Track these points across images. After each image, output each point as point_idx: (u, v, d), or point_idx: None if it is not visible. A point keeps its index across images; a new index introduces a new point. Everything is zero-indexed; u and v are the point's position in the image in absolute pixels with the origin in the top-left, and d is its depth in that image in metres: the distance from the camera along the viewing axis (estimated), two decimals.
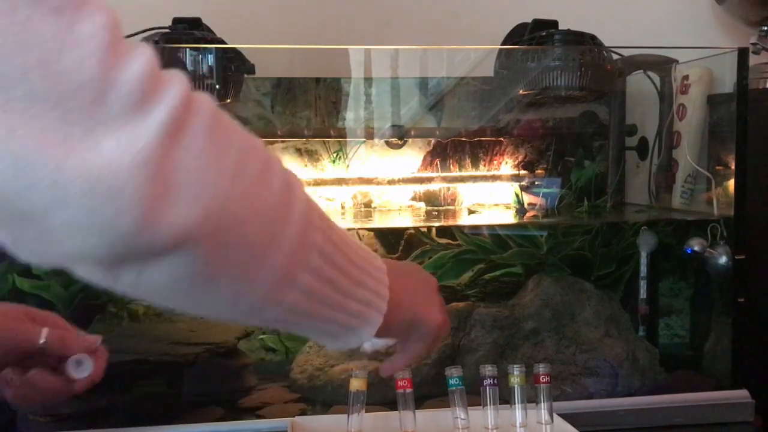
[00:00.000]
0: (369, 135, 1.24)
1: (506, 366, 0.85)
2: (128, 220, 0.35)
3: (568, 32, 1.15)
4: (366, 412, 0.85)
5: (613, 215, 1.28)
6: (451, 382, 0.82)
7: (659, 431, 0.98)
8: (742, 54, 1.04)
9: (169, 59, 1.05)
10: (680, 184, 1.20)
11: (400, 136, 1.24)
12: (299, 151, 1.25)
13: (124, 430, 0.90)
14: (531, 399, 0.86)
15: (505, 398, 0.85)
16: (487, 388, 0.83)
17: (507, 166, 1.29)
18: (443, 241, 1.24)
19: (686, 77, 1.18)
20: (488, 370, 0.83)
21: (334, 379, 1.03)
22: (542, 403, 0.85)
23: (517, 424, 0.84)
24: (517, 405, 0.84)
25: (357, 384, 0.80)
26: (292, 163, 1.24)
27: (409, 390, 0.81)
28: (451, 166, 1.28)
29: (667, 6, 1.40)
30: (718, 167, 1.12)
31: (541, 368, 0.85)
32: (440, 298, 0.64)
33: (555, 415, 0.86)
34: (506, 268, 1.23)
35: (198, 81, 1.06)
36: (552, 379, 0.86)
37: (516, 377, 0.83)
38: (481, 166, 1.29)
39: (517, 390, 0.84)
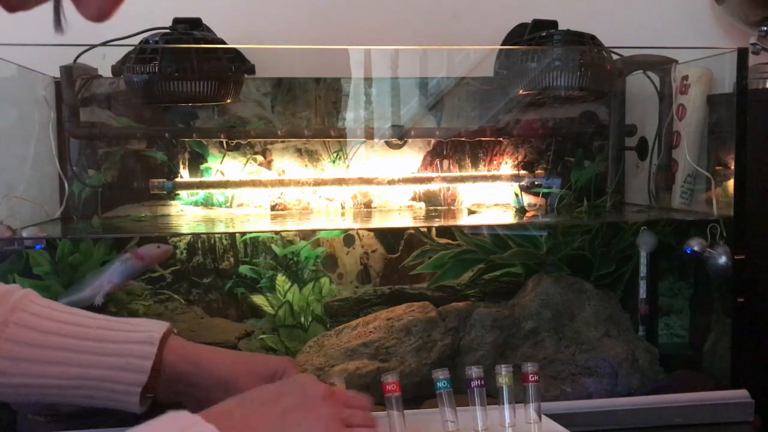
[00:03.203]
0: (369, 135, 1.24)
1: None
2: None
3: (568, 32, 1.15)
4: None
5: (613, 215, 1.28)
6: (439, 384, 0.81)
7: (659, 431, 0.98)
8: (742, 54, 1.04)
9: (170, 59, 1.05)
10: (680, 184, 1.20)
11: (400, 136, 1.24)
12: (299, 151, 1.25)
13: (124, 429, 0.90)
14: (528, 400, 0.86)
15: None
16: (475, 389, 0.83)
17: (507, 166, 1.29)
18: (443, 241, 1.24)
19: (686, 77, 1.18)
20: (474, 371, 0.83)
21: (334, 378, 1.04)
22: (530, 403, 0.85)
23: (506, 425, 0.83)
24: (505, 405, 0.83)
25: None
26: (292, 163, 1.24)
27: (397, 394, 0.81)
28: (451, 167, 1.28)
29: (667, 6, 1.40)
30: (717, 167, 1.12)
31: (529, 367, 0.84)
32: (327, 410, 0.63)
33: (543, 415, 0.86)
34: (506, 268, 1.23)
35: (198, 81, 1.06)
36: (540, 378, 0.85)
37: (503, 377, 0.83)
38: (481, 166, 1.29)
39: (505, 390, 0.83)
